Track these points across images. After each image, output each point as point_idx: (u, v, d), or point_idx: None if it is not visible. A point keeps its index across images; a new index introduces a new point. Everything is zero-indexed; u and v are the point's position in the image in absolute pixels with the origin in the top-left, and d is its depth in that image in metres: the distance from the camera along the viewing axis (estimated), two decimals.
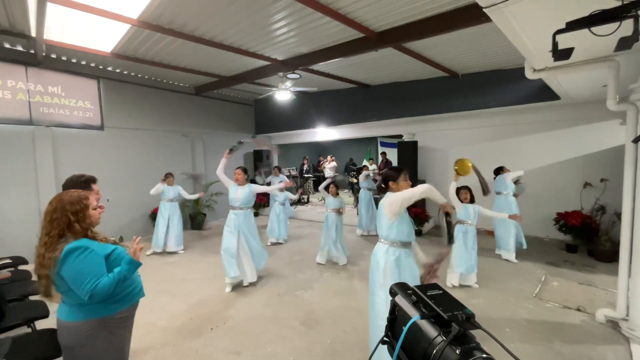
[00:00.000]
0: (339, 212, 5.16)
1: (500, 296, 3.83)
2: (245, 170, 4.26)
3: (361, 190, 6.94)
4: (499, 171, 5.38)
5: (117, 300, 1.72)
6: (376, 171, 10.02)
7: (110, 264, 1.69)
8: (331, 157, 10.55)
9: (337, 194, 5.34)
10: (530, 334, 3.05)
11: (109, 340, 1.72)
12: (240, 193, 4.15)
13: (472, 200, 4.10)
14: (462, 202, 4.09)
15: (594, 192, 5.61)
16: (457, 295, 0.99)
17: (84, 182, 2.11)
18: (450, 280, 4.15)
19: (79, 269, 1.55)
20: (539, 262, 4.95)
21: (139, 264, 1.72)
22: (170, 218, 5.81)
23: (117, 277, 1.63)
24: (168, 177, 5.83)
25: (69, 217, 1.60)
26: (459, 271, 4.08)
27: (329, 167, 10.57)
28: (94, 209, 1.74)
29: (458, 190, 4.09)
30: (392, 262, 2.36)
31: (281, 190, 6.26)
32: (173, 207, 5.86)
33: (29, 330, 2.60)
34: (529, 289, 4.00)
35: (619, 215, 3.41)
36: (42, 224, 1.63)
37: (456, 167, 3.60)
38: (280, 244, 6.42)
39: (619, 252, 3.12)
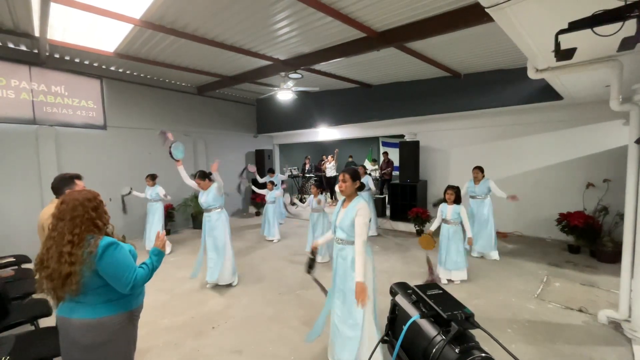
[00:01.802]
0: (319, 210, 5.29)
1: (502, 296, 3.83)
2: (202, 175, 4.21)
3: None
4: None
5: (139, 293, 1.81)
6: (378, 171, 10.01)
7: None
8: (332, 157, 10.50)
9: (320, 193, 5.36)
10: (532, 335, 3.04)
11: (132, 333, 1.81)
12: (204, 196, 4.22)
13: (457, 201, 4.19)
14: (446, 202, 4.26)
15: (596, 193, 5.58)
16: (458, 295, 0.99)
17: (70, 179, 2.33)
18: (442, 275, 4.28)
19: (118, 263, 1.61)
20: (541, 262, 4.93)
21: (164, 254, 1.91)
22: (150, 218, 5.85)
23: (151, 267, 1.76)
24: (147, 179, 5.86)
25: (91, 214, 1.62)
26: (448, 268, 4.23)
27: (330, 166, 10.52)
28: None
29: (445, 190, 4.28)
30: None
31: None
32: (153, 207, 5.85)
33: (32, 328, 2.62)
34: (530, 290, 3.99)
35: (621, 216, 3.39)
36: (56, 224, 1.59)
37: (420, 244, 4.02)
38: (271, 241, 6.66)
39: (621, 253, 3.10)
